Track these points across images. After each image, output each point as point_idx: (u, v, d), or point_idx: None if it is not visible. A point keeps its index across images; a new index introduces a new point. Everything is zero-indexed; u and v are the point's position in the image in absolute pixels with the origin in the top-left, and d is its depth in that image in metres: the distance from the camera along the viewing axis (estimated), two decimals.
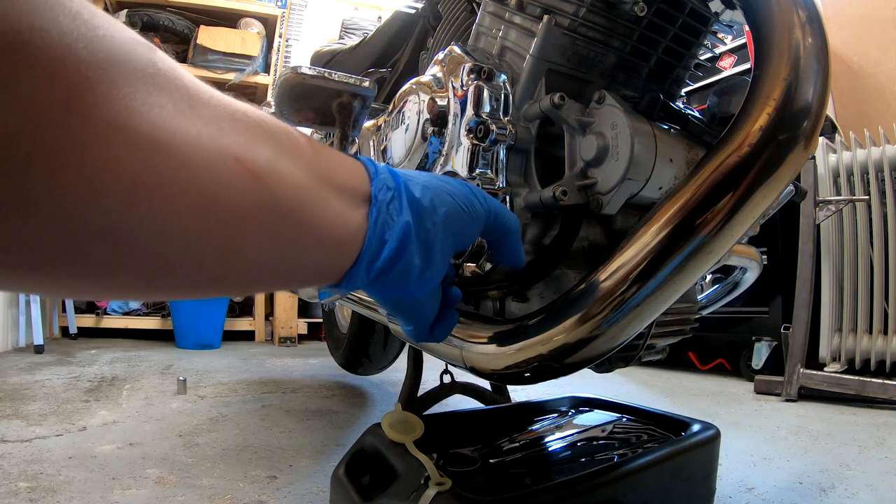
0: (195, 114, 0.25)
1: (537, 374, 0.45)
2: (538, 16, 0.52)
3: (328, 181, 0.32)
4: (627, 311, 0.42)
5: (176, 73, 0.25)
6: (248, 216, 0.27)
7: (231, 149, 0.26)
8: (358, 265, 0.33)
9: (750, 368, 1.74)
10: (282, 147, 0.29)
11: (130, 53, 0.22)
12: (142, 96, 0.22)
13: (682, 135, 0.51)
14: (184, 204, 0.24)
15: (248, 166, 0.26)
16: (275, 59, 2.73)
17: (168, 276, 0.26)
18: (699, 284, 0.81)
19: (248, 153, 0.27)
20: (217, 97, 0.27)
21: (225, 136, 0.26)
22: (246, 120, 0.28)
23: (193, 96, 0.25)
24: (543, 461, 0.61)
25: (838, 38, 2.01)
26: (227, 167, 0.25)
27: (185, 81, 0.25)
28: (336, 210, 0.32)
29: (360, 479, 0.57)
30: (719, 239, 0.41)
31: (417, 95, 0.62)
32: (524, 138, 0.52)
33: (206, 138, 0.25)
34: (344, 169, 0.34)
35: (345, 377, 1.58)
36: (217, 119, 0.26)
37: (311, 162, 0.31)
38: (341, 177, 0.33)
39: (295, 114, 0.72)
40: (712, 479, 0.63)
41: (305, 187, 0.30)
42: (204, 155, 0.24)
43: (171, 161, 0.23)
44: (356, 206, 0.33)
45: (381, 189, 0.35)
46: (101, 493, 0.67)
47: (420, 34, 1.03)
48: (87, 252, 0.22)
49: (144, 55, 0.23)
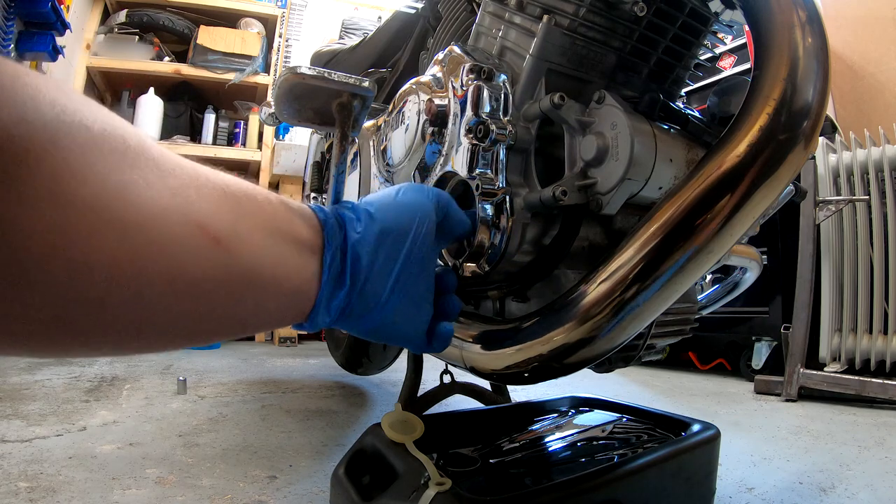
0: (163, 185, 0.26)
1: (537, 374, 0.45)
2: (538, 16, 0.52)
3: (285, 235, 0.34)
4: (627, 311, 0.42)
5: (144, 146, 0.26)
6: (212, 279, 0.29)
7: (195, 217, 0.28)
8: (316, 308, 0.37)
9: (750, 368, 1.74)
10: (242, 208, 0.32)
11: (104, 133, 0.24)
12: (115, 175, 0.24)
13: (682, 135, 0.51)
14: (155, 274, 0.26)
15: (210, 233, 0.28)
16: (275, 59, 2.73)
17: (145, 336, 0.28)
18: (699, 284, 0.81)
19: (211, 219, 0.29)
20: (181, 165, 0.29)
21: (190, 205, 0.28)
22: (209, 185, 0.30)
23: (161, 168, 0.27)
24: (543, 461, 0.61)
25: (838, 38, 2.01)
26: (192, 235, 0.27)
27: (153, 154, 0.27)
28: (292, 262, 0.34)
29: (360, 479, 0.57)
30: (719, 239, 0.41)
31: (417, 95, 0.62)
32: (524, 138, 0.52)
33: (172, 210, 0.26)
34: (297, 220, 0.36)
35: (345, 377, 1.58)
36: (183, 188, 0.28)
37: (268, 220, 0.34)
38: (296, 229, 0.36)
39: (295, 114, 0.72)
40: (712, 479, 0.63)
41: (263, 245, 0.32)
42: (172, 227, 0.26)
43: (143, 237, 0.25)
44: (311, 254, 0.36)
45: (331, 235, 0.37)
46: (101, 493, 0.67)
47: (420, 34, 1.03)
48: (75, 318, 0.24)
49: (116, 133, 0.25)
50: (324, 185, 1.26)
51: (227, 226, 0.30)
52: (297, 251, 0.35)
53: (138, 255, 0.25)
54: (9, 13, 1.70)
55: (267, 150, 2.54)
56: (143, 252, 0.25)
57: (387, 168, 0.71)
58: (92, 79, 2.48)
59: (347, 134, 0.65)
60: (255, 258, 0.32)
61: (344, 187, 0.74)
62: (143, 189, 0.25)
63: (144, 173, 0.26)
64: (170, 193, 0.27)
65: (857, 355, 1.44)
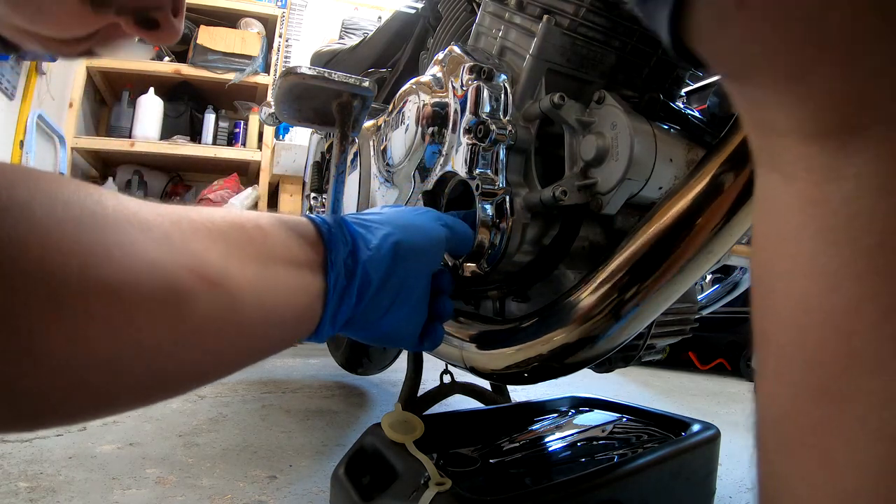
0: (147, 237, 0.26)
1: (537, 374, 0.45)
2: (538, 16, 0.52)
3: (280, 260, 0.33)
4: (627, 312, 0.42)
5: (121, 206, 0.26)
6: (215, 321, 0.28)
7: (185, 262, 0.27)
8: (322, 323, 0.36)
9: (750, 368, 1.74)
10: (231, 243, 0.31)
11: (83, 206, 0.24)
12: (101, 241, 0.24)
13: (682, 135, 0.51)
14: (158, 327, 0.25)
15: (203, 275, 0.28)
16: (275, 59, 2.72)
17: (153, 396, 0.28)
18: (699, 284, 0.81)
19: (200, 261, 0.28)
20: (160, 213, 0.28)
21: (177, 252, 0.27)
22: (192, 226, 0.29)
23: (142, 222, 0.26)
24: (543, 461, 0.61)
25: None
26: (186, 282, 0.27)
27: (131, 208, 0.27)
28: (293, 285, 0.34)
29: (360, 479, 0.57)
30: (719, 239, 0.41)
31: (417, 95, 0.62)
32: (524, 138, 0.52)
33: (161, 261, 0.26)
34: (293, 241, 0.35)
35: (345, 377, 1.58)
36: (166, 237, 0.27)
37: (261, 247, 0.33)
38: (292, 251, 0.35)
39: (295, 114, 0.72)
40: (712, 479, 0.63)
41: (260, 276, 0.32)
42: (165, 278, 0.26)
43: (138, 296, 0.25)
44: (312, 272, 0.35)
45: (336, 248, 0.37)
46: (101, 493, 0.67)
47: (420, 34, 1.03)
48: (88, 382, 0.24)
49: (92, 199, 0.25)
50: (324, 185, 1.26)
51: (219, 264, 0.29)
52: (297, 274, 0.34)
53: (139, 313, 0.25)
54: None
55: (267, 150, 2.54)
56: (143, 308, 0.25)
57: (387, 168, 0.71)
58: (92, 79, 2.48)
59: (347, 134, 0.65)
60: (254, 290, 0.31)
61: (344, 187, 0.74)
62: (128, 248, 0.25)
63: (126, 231, 0.25)
64: (155, 244, 0.26)
65: None
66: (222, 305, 0.29)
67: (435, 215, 0.45)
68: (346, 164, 0.74)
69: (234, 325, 0.30)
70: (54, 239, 0.22)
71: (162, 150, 2.44)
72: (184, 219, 0.29)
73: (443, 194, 0.60)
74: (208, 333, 0.28)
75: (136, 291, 0.24)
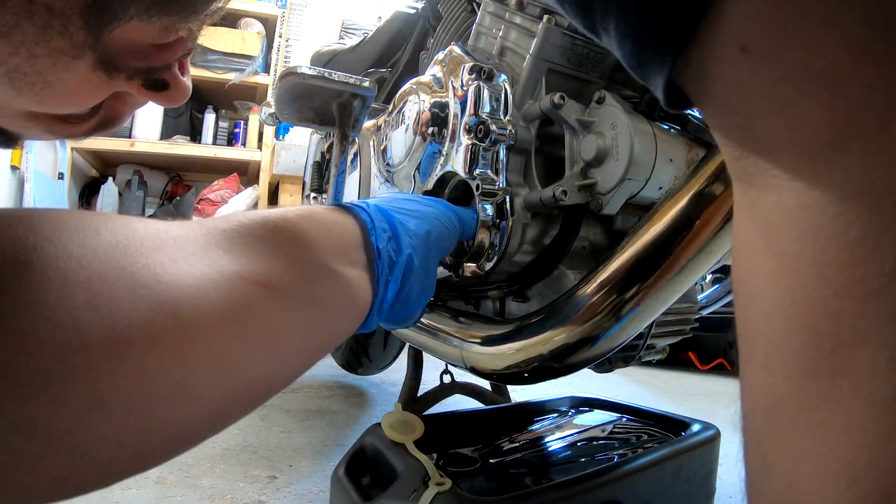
0: (186, 253, 0.24)
1: (537, 374, 0.45)
2: (538, 16, 0.52)
3: (324, 252, 0.32)
4: (628, 312, 0.42)
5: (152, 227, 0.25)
6: (275, 324, 0.27)
7: (233, 269, 0.26)
8: (371, 312, 0.35)
9: None
10: (270, 244, 0.29)
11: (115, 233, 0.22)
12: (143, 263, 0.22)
13: (682, 135, 0.51)
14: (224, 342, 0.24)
15: (254, 279, 0.26)
16: (275, 59, 2.72)
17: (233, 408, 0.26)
18: (699, 284, 0.81)
19: (248, 266, 0.27)
20: (190, 228, 0.27)
21: (222, 261, 0.26)
22: (225, 235, 0.28)
23: (174, 239, 0.25)
24: (543, 461, 0.61)
25: None
26: (240, 289, 0.25)
27: (161, 227, 0.25)
28: (340, 276, 0.32)
29: (360, 479, 0.57)
30: (719, 239, 0.41)
31: (417, 95, 0.62)
32: (524, 138, 0.52)
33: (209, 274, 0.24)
34: (333, 232, 0.34)
35: (345, 377, 1.58)
36: (205, 249, 0.26)
37: (300, 244, 0.31)
38: (333, 242, 0.33)
39: (295, 114, 0.72)
40: (712, 479, 0.63)
41: (307, 272, 0.30)
42: (219, 289, 0.24)
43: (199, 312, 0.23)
44: (358, 259, 0.34)
45: (379, 236, 0.36)
46: (101, 493, 0.67)
47: (420, 34, 1.03)
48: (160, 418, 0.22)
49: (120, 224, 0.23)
50: (324, 185, 1.26)
51: (266, 266, 0.27)
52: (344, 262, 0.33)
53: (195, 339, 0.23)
54: None
55: (267, 150, 2.54)
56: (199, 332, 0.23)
57: (387, 168, 0.71)
58: None
59: (347, 134, 0.65)
60: (307, 286, 0.30)
61: (344, 187, 0.74)
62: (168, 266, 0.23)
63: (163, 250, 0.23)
64: (197, 259, 0.24)
65: None
66: (279, 307, 0.27)
67: (445, 203, 0.47)
68: (346, 164, 0.74)
69: (294, 325, 0.29)
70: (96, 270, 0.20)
71: (162, 150, 2.44)
72: (215, 229, 0.28)
73: (442, 194, 0.60)
74: (271, 338, 0.27)
75: (196, 308, 0.23)
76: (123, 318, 0.20)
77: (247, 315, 0.25)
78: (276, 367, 0.28)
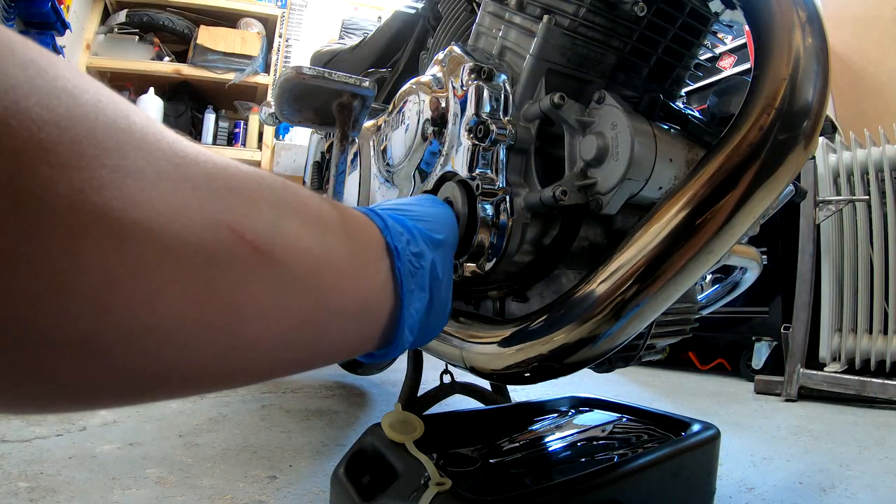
0: (181, 176, 0.20)
1: (537, 374, 0.45)
2: (538, 16, 0.52)
3: (342, 236, 0.27)
4: (628, 311, 0.42)
5: (156, 128, 0.20)
6: (254, 297, 0.22)
7: (225, 217, 0.21)
8: (401, 325, 0.30)
9: (750, 368, 1.74)
10: (285, 205, 0.25)
11: (99, 106, 0.18)
12: (113, 160, 0.17)
13: (682, 135, 0.51)
14: (172, 296, 0.19)
15: (247, 237, 0.22)
16: (275, 59, 2.73)
17: (162, 384, 0.21)
18: (699, 284, 0.81)
19: (246, 220, 0.22)
20: (205, 155, 0.22)
21: (217, 202, 0.21)
22: (240, 177, 0.23)
23: (178, 154, 0.20)
24: (543, 461, 0.61)
25: (838, 38, 2.01)
26: (222, 242, 0.21)
27: (167, 137, 0.20)
28: (357, 268, 0.27)
29: (360, 479, 0.57)
30: (719, 239, 0.41)
31: (417, 95, 0.62)
32: (524, 138, 0.52)
33: (194, 208, 0.20)
34: (353, 219, 0.30)
35: (345, 377, 1.57)
36: (208, 181, 0.21)
37: (318, 217, 0.26)
38: (354, 228, 0.29)
39: (295, 114, 0.72)
40: (712, 479, 0.63)
41: (317, 249, 0.25)
42: (193, 231, 0.19)
43: (153, 245, 0.18)
44: (376, 259, 0.29)
45: (397, 237, 0.31)
46: (101, 493, 0.67)
47: (420, 34, 1.03)
48: (55, 369, 0.17)
49: (119, 108, 0.19)
50: (324, 185, 1.26)
51: (268, 227, 0.23)
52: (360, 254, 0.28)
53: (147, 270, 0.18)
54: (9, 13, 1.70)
55: (267, 150, 2.54)
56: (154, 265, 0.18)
57: (387, 168, 0.71)
58: None
59: (347, 134, 0.65)
60: (310, 264, 0.25)
61: (344, 187, 0.74)
62: (151, 180, 0.18)
63: (156, 157, 0.19)
64: (190, 186, 0.20)
65: (857, 355, 1.44)
66: (268, 278, 0.22)
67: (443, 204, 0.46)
68: (346, 164, 0.74)
69: (280, 305, 0.23)
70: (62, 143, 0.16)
71: None
72: (231, 167, 0.23)
73: None
74: (245, 316, 0.22)
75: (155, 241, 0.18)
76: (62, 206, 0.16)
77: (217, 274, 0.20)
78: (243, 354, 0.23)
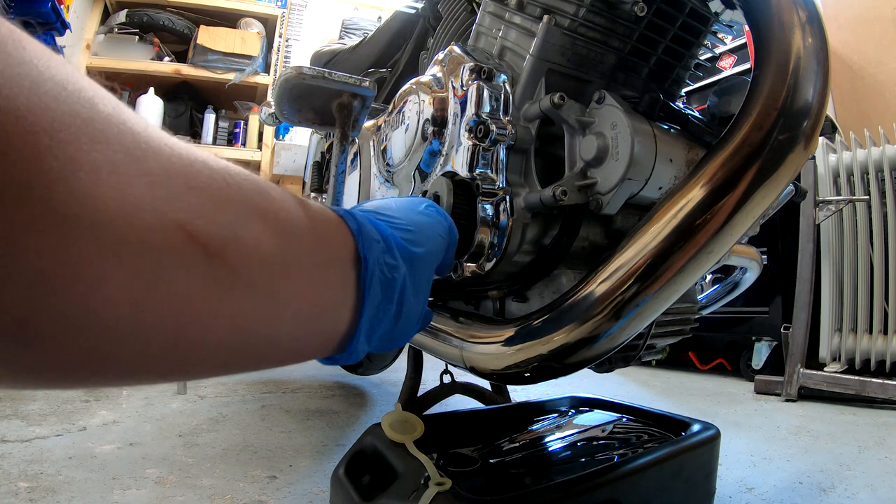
0: (138, 170, 0.19)
1: (537, 374, 0.45)
2: (538, 16, 0.52)
3: (308, 243, 0.27)
4: (628, 311, 0.42)
5: (122, 117, 0.20)
6: (200, 298, 0.21)
7: (177, 216, 0.20)
8: (357, 335, 0.30)
9: (750, 368, 1.74)
10: (249, 206, 0.24)
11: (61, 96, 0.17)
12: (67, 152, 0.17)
13: (682, 135, 0.51)
14: (111, 291, 0.19)
15: (199, 238, 0.21)
16: (275, 59, 2.73)
17: (102, 372, 0.21)
18: (699, 284, 0.81)
19: (200, 220, 0.21)
20: (171, 146, 0.21)
21: (172, 200, 0.20)
22: (206, 173, 0.22)
23: (140, 147, 0.20)
24: (543, 461, 0.61)
25: (838, 38, 2.01)
26: (169, 241, 0.20)
27: (133, 126, 0.20)
28: (318, 278, 0.27)
29: (360, 479, 0.57)
30: (719, 239, 0.41)
31: (417, 95, 0.62)
32: (524, 138, 0.52)
33: (145, 205, 0.19)
34: (324, 225, 0.29)
35: (345, 377, 1.57)
36: (167, 176, 0.20)
37: (285, 222, 0.26)
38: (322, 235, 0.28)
39: (295, 114, 0.72)
40: (712, 479, 0.63)
41: (276, 255, 0.25)
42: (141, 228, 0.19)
43: (95, 241, 0.18)
44: (342, 268, 0.29)
45: (369, 246, 0.30)
46: (101, 493, 0.67)
47: (420, 34, 1.03)
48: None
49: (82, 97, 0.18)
50: (324, 185, 1.26)
51: (224, 229, 0.22)
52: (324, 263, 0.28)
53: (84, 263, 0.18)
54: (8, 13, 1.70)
55: (267, 150, 2.54)
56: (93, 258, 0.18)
57: (387, 168, 0.71)
58: None
59: (347, 134, 0.65)
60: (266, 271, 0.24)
61: (344, 187, 0.74)
62: (106, 171, 0.18)
63: (113, 149, 0.19)
64: (146, 182, 0.19)
65: (857, 355, 1.44)
66: (217, 280, 0.22)
67: (436, 209, 0.42)
68: (346, 164, 0.74)
69: (229, 308, 0.23)
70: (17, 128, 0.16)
71: None
72: (197, 161, 0.22)
73: None
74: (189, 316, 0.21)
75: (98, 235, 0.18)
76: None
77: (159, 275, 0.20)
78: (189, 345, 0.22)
